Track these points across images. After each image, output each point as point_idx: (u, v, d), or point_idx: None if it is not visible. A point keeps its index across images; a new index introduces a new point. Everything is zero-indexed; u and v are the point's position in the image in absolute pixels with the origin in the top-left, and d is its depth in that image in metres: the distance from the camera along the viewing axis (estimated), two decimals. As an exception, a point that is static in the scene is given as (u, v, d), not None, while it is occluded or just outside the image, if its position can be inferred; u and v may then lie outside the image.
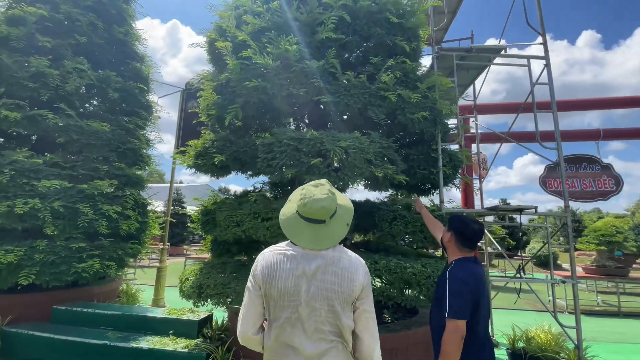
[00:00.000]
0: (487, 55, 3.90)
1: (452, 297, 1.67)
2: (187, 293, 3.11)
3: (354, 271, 1.28)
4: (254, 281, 1.33)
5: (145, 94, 6.10)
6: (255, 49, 3.01)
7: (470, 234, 1.84)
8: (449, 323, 1.65)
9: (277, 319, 1.29)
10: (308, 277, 1.26)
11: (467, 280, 1.71)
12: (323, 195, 1.32)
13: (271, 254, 1.34)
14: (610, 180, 5.28)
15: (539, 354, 3.88)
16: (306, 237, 1.31)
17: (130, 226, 4.99)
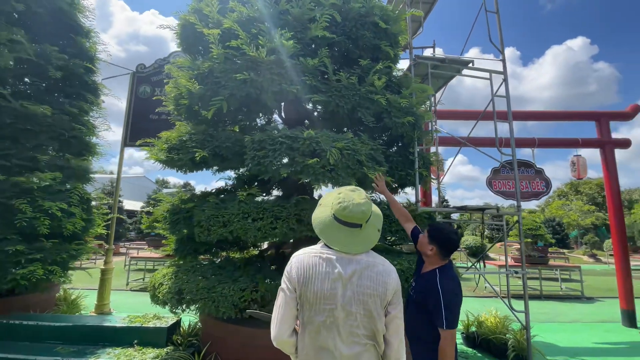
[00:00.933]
0: (456, 67, 4.23)
1: (447, 310, 1.74)
2: (164, 299, 2.86)
3: (387, 276, 1.31)
4: (290, 283, 1.31)
5: (90, 75, 5.39)
6: (245, 40, 2.86)
7: (452, 246, 1.94)
8: (446, 333, 1.73)
9: (312, 322, 1.28)
10: (344, 281, 1.27)
11: (457, 291, 1.83)
12: (362, 200, 1.34)
13: (306, 256, 1.33)
14: (542, 182, 6.06)
15: (490, 336, 4.38)
16: (342, 240, 1.32)
17: (75, 225, 4.41)
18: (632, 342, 4.99)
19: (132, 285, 8.78)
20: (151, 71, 6.86)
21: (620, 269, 6.07)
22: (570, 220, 24.19)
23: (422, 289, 1.95)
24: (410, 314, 1.97)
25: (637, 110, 6.33)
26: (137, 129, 6.61)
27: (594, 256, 19.96)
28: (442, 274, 1.89)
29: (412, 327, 1.95)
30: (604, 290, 9.08)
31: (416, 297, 1.98)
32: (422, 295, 1.92)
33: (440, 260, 1.94)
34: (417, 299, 1.96)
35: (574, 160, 6.52)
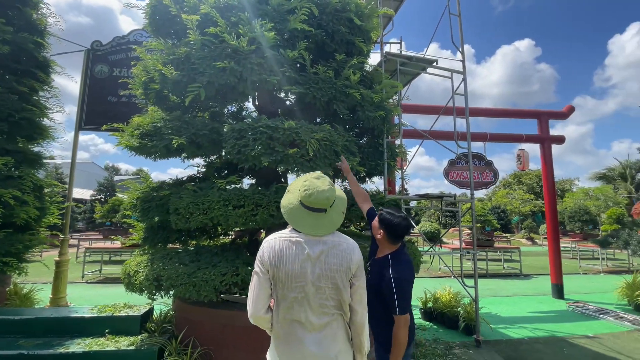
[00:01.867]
0: (422, 65, 4.53)
1: (400, 297, 1.79)
2: (140, 287, 2.86)
3: (351, 252, 1.47)
4: (262, 266, 1.43)
5: (40, 50, 4.94)
6: (224, 28, 2.86)
7: (399, 230, 1.92)
8: (399, 319, 1.80)
9: (285, 299, 1.42)
10: (313, 260, 1.40)
11: (409, 276, 1.87)
12: (326, 187, 1.46)
13: (277, 240, 1.45)
14: (491, 173, 6.69)
15: (444, 310, 4.90)
16: (309, 224, 1.44)
17: (29, 214, 4.13)
18: (559, 311, 5.84)
19: (88, 277, 8.32)
20: (108, 49, 6.39)
21: (552, 250, 6.98)
22: (512, 208, 26.73)
23: (376, 274, 1.96)
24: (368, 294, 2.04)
25: (571, 111, 7.20)
26: (94, 112, 6.19)
27: (531, 239, 22.37)
28: (394, 260, 1.90)
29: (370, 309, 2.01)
30: (538, 268, 10.33)
31: (372, 282, 1.98)
32: (377, 280, 1.94)
33: (391, 244, 1.95)
34: (372, 283, 1.98)
35: (520, 154, 7.28)
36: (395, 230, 1.92)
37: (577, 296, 6.79)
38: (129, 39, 6.48)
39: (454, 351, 3.94)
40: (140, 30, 6.54)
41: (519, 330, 4.75)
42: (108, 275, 8.69)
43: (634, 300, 5.74)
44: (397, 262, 1.89)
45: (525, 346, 4.17)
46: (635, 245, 5.59)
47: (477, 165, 6.56)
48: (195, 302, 3.30)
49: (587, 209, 17.14)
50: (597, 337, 4.47)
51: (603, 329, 4.79)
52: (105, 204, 12.92)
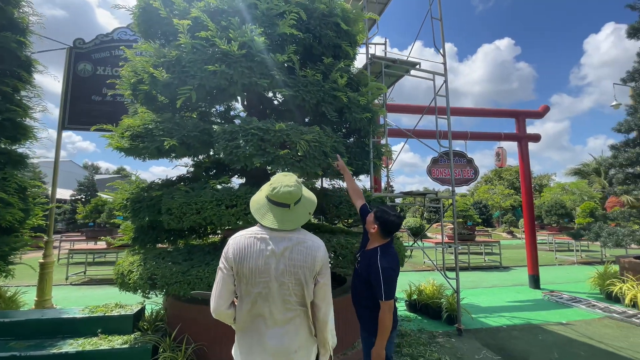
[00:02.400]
0: (405, 67, 4.70)
1: (386, 284, 1.96)
2: (135, 285, 2.91)
3: (316, 250, 1.49)
4: (226, 262, 1.46)
5: (23, 49, 4.85)
6: (215, 32, 2.94)
7: (392, 226, 2.12)
8: (385, 304, 1.96)
9: (249, 294, 1.45)
10: (277, 256, 1.43)
11: (395, 266, 2.04)
12: (291, 183, 1.51)
13: (242, 237, 1.48)
14: (471, 170, 6.98)
15: (428, 302, 5.13)
16: (272, 218, 1.48)
17: (14, 216, 4.09)
18: (535, 300, 6.18)
19: (73, 279, 8.18)
20: (92, 47, 6.30)
21: (528, 243, 7.35)
22: (494, 203, 27.61)
23: (365, 264, 2.14)
24: (356, 284, 2.24)
25: (546, 110, 7.57)
26: (77, 111, 6.11)
27: (511, 233, 23.20)
28: (383, 252, 2.08)
29: (357, 296, 2.22)
30: (517, 260, 10.80)
31: (361, 271, 2.19)
32: (365, 270, 2.12)
33: (382, 238, 2.14)
34: (361, 272, 2.18)
35: (499, 152, 7.61)
36: (388, 226, 2.11)
37: (552, 286, 7.18)
38: (113, 37, 6.40)
39: (437, 340, 4.16)
40: (125, 28, 6.47)
41: (498, 319, 5.03)
42: (93, 276, 8.58)
43: (605, 289, 6.13)
44: (385, 254, 2.06)
45: (503, 333, 4.43)
46: (606, 237, 5.97)
47: (458, 162, 6.83)
48: (187, 300, 3.37)
49: (563, 203, 17.93)
50: (570, 324, 4.79)
51: (576, 317, 5.12)
52: (87, 204, 12.63)
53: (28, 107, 4.90)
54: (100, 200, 10.88)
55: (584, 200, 19.17)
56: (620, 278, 6.00)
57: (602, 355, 3.73)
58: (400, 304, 5.77)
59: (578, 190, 20.99)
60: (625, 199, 12.69)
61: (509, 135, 7.31)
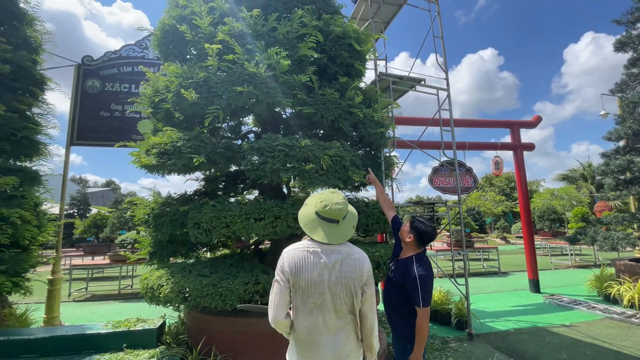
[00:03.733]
0: (411, 83, 4.95)
1: (423, 291, 2.03)
2: (167, 299, 2.99)
3: (362, 262, 1.61)
4: (283, 275, 1.56)
5: (36, 67, 4.93)
6: (241, 55, 3.11)
7: (428, 237, 2.22)
8: (422, 311, 2.02)
9: (305, 305, 1.55)
10: (329, 268, 1.54)
11: (431, 274, 2.12)
12: (340, 200, 1.64)
13: (296, 251, 1.58)
14: (471, 179, 7.22)
15: (437, 308, 5.27)
16: (323, 233, 1.59)
17: (31, 233, 4.12)
18: (537, 304, 6.38)
19: (75, 295, 8.07)
20: (100, 64, 6.41)
21: (527, 248, 7.60)
22: (486, 209, 28.11)
23: (400, 272, 2.22)
24: (389, 291, 2.32)
25: (539, 120, 7.93)
26: (85, 127, 6.17)
27: (504, 238, 23.61)
28: (418, 261, 2.17)
29: (390, 302, 2.30)
30: (514, 265, 11.06)
31: (395, 279, 2.27)
32: (400, 277, 2.20)
33: (416, 248, 2.24)
34: (395, 280, 2.26)
35: (498, 160, 7.90)
36: (424, 237, 2.22)
37: (551, 290, 7.41)
38: (121, 54, 6.52)
39: (450, 345, 4.29)
40: (132, 45, 6.61)
41: (505, 323, 5.19)
42: (95, 292, 8.47)
43: (603, 291, 6.37)
44: (420, 262, 2.16)
45: (512, 337, 4.59)
46: (602, 241, 6.24)
47: (458, 171, 7.07)
48: (211, 312, 3.45)
49: (554, 209, 18.42)
50: (573, 326, 4.99)
51: (578, 318, 5.33)
52: (84, 219, 12.48)
53: (40, 124, 4.96)
54: (99, 214, 10.78)
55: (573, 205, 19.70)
56: (617, 280, 6.25)
57: (609, 354, 3.92)
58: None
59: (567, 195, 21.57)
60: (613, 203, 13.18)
61: (505, 144, 7.62)
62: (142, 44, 6.51)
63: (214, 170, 3.92)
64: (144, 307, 6.81)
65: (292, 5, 3.65)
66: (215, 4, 3.36)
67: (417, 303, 2.06)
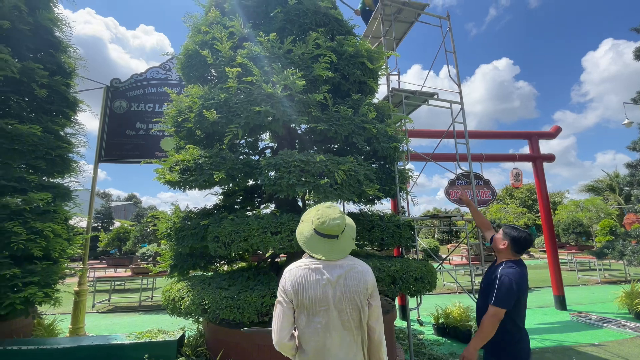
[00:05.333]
0: (424, 97, 5.01)
1: (499, 289, 1.94)
2: (187, 311, 3.09)
3: (366, 274, 1.58)
4: (286, 296, 1.52)
5: (69, 90, 5.31)
6: (259, 77, 3.28)
7: (524, 243, 2.14)
8: (492, 309, 1.93)
9: (310, 324, 1.50)
10: (333, 284, 1.50)
11: (515, 277, 1.99)
12: (337, 214, 1.61)
13: (297, 270, 1.55)
14: (488, 191, 7.12)
15: (457, 324, 5.14)
16: (323, 250, 1.57)
17: (61, 246, 4.35)
18: (564, 321, 6.11)
19: (98, 307, 8.33)
20: (127, 86, 6.81)
21: (551, 262, 7.33)
22: (507, 222, 27.25)
23: (488, 277, 2.18)
24: (478, 303, 2.26)
25: (558, 131, 7.77)
26: (113, 145, 6.53)
27: (528, 252, 22.73)
28: (508, 263, 2.10)
29: (479, 312, 2.21)
30: (538, 281, 10.62)
31: (484, 287, 2.20)
32: (487, 283, 2.15)
33: (511, 255, 2.16)
34: (483, 288, 2.20)
35: (518, 172, 7.76)
36: (520, 243, 2.15)
37: (578, 307, 7.07)
38: (146, 76, 6.92)
39: (471, 363, 4.16)
40: (157, 67, 7.01)
41: (529, 341, 4.99)
42: (117, 304, 8.71)
43: (634, 308, 6.05)
44: (510, 265, 2.09)
45: (536, 356, 4.42)
46: (630, 256, 5.97)
47: (476, 184, 6.98)
48: (229, 325, 3.52)
49: (580, 221, 17.67)
50: (602, 345, 4.74)
51: (607, 337, 5.07)
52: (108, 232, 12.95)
53: (72, 143, 5.30)
54: (122, 228, 11.19)
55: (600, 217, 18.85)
56: (649, 297, 5.93)
57: (641, 377, 3.71)
58: (428, 327, 5.78)
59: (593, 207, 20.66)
60: (644, 215, 12.54)
61: (523, 156, 7.49)
62: (166, 66, 6.89)
63: (232, 185, 4.06)
64: (162, 318, 6.97)
65: (306, 28, 3.83)
66: (234, 29, 3.58)
67: (489, 300, 1.98)
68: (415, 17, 5.66)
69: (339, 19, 4.23)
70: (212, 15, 3.90)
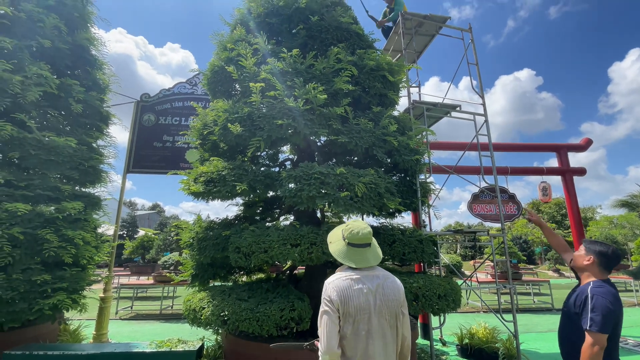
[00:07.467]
0: (446, 110, 4.95)
1: (593, 312, 1.71)
2: (207, 321, 3.11)
3: (399, 285, 1.71)
4: (332, 305, 1.59)
5: (103, 105, 5.61)
6: (282, 91, 3.35)
7: (613, 257, 1.91)
8: (591, 336, 1.69)
9: (356, 331, 1.58)
10: (373, 293, 1.61)
11: (610, 298, 1.76)
12: (365, 224, 1.76)
13: (339, 281, 1.64)
14: (514, 206, 6.84)
15: (482, 346, 4.89)
16: (359, 258, 1.68)
17: (90, 253, 4.51)
18: (599, 347, 5.68)
19: (121, 314, 8.53)
20: (155, 100, 7.12)
21: (584, 282, 6.88)
22: (534, 238, 26.04)
23: (573, 298, 1.96)
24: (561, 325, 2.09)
25: (589, 143, 7.44)
26: (141, 156, 6.79)
27: (557, 271, 21.54)
28: (597, 282, 1.87)
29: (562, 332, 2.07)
30: (569, 302, 9.98)
31: (567, 310, 2.00)
32: (572, 304, 1.93)
33: (599, 272, 1.93)
34: (567, 310, 2.01)
35: (546, 186, 7.45)
36: (609, 258, 1.94)
37: (616, 331, 6.57)
38: (174, 91, 7.22)
39: (498, 388, 3.93)
40: (184, 82, 7.31)
41: (561, 367, 4.67)
42: (139, 311, 8.90)
43: (678, 335, 5.56)
44: (599, 285, 1.86)
45: (570, 384, 4.11)
46: (672, 277, 5.53)
47: (500, 198, 6.75)
48: (248, 337, 3.50)
49: (614, 238, 16.63)
50: (644, 374, 4.37)
51: (648, 366, 4.67)
52: (133, 240, 13.36)
53: (103, 155, 5.56)
54: (146, 236, 11.52)
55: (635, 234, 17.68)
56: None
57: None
58: (451, 348, 5.53)
59: (628, 224, 19.41)
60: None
61: (551, 169, 7.19)
62: (192, 82, 7.18)
63: (253, 196, 4.12)
64: (182, 327, 7.03)
65: (328, 43, 3.90)
66: (259, 46, 3.69)
67: (584, 324, 1.75)
68: (436, 30, 5.65)
69: (360, 33, 4.29)
70: (238, 32, 4.04)
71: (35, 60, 4.35)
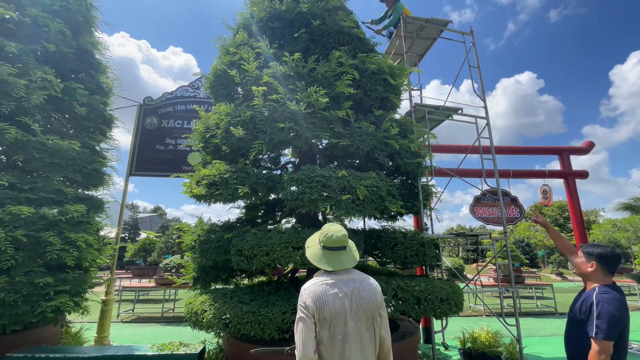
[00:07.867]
0: (447, 112, 4.95)
1: (599, 319, 1.70)
2: (209, 324, 3.11)
3: (376, 286, 1.72)
4: (307, 311, 1.60)
5: (106, 108, 5.65)
6: (284, 95, 3.36)
7: (612, 258, 1.91)
8: (596, 343, 1.68)
9: (332, 336, 1.59)
10: (348, 297, 1.62)
11: (615, 305, 1.75)
12: (340, 228, 1.78)
13: (314, 286, 1.65)
14: (516, 209, 6.84)
15: (485, 350, 4.85)
16: (335, 261, 1.71)
17: (93, 256, 4.53)
18: (603, 351, 5.63)
19: (123, 316, 8.53)
20: (158, 104, 7.16)
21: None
22: (536, 241, 25.91)
23: (579, 304, 1.94)
24: (567, 330, 2.08)
25: (591, 146, 7.42)
26: (143, 159, 6.82)
27: (560, 274, 21.40)
28: (602, 288, 1.86)
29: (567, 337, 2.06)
30: (573, 306, 9.91)
31: (572, 315, 2.01)
32: (579, 308, 1.92)
33: (603, 276, 1.92)
34: (572, 315, 2.01)
35: (546, 189, 7.43)
36: (609, 259, 1.93)
37: (620, 336, 6.52)
38: (176, 94, 7.27)
39: (501, 393, 3.90)
40: (186, 86, 7.36)
41: (565, 372, 4.63)
42: (140, 314, 8.89)
43: (683, 340, 5.51)
44: (604, 290, 1.85)
45: (574, 388, 4.08)
46: (676, 281, 5.48)
47: (503, 201, 6.73)
48: (249, 340, 3.50)
49: (617, 242, 16.53)
50: (649, 380, 4.33)
51: (654, 371, 4.62)
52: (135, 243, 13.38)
53: (106, 158, 5.59)
54: (148, 239, 11.54)
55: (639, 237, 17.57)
56: (703, 328, 5.38)
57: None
58: (454, 352, 5.50)
59: (632, 227, 19.31)
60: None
61: (554, 172, 7.17)
62: (195, 85, 7.22)
63: (255, 198, 4.12)
64: (183, 330, 7.02)
65: (330, 47, 3.93)
66: (261, 50, 3.72)
67: (589, 331, 1.74)
68: (437, 33, 5.67)
69: (362, 37, 4.32)
70: (240, 36, 4.08)
71: (40, 64, 4.39)
